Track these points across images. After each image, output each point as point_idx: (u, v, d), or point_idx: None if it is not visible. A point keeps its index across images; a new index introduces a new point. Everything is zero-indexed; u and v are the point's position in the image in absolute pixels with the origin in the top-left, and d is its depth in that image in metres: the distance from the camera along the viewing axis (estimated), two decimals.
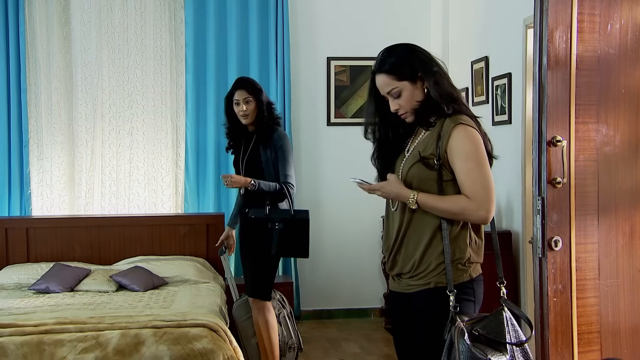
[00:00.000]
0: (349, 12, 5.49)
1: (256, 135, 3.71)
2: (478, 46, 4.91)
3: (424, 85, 2.16)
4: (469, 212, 2.07)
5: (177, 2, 5.32)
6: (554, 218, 2.23)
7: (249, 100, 3.65)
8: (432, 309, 2.11)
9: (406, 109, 2.17)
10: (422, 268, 2.14)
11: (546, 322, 2.28)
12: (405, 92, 2.15)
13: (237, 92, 3.67)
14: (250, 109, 3.65)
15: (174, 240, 4.98)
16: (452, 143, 2.09)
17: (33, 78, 5.14)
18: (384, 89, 2.18)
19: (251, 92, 3.66)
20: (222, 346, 3.21)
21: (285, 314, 4.08)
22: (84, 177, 5.18)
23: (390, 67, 2.15)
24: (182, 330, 3.25)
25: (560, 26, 2.24)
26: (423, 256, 2.14)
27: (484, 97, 4.77)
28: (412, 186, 2.15)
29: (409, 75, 2.15)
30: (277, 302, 4.06)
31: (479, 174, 2.09)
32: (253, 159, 3.72)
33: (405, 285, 2.21)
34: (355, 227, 5.44)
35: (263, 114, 3.68)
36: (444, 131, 2.11)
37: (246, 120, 3.68)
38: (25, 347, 3.10)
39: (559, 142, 2.20)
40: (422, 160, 2.13)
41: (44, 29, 5.17)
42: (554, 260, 2.26)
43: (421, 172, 2.14)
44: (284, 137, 3.76)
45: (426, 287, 2.13)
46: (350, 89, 5.54)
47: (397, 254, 2.21)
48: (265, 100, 3.71)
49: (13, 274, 4.57)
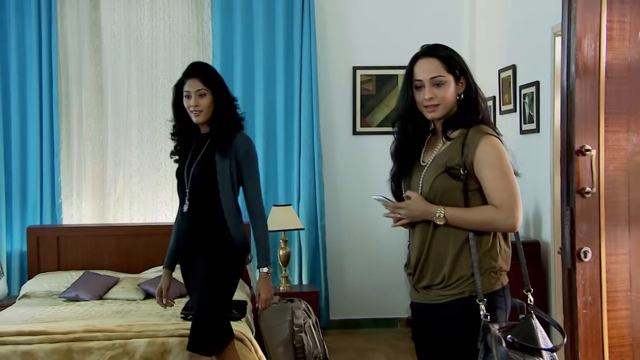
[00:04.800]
0: (375, 21, 5.48)
1: (211, 139, 2.88)
2: (505, 54, 4.87)
3: (458, 90, 2.14)
4: (498, 221, 2.07)
5: (205, 13, 5.38)
6: (583, 228, 2.19)
7: (204, 93, 2.80)
8: (467, 318, 2.06)
9: (440, 100, 2.11)
10: (455, 278, 2.09)
11: (576, 334, 2.24)
12: (446, 85, 2.11)
13: (188, 81, 2.83)
14: (204, 105, 2.80)
15: None
16: (479, 153, 2.07)
17: (64, 89, 5.24)
18: (430, 74, 2.11)
19: (206, 83, 2.81)
20: (247, 355, 3.23)
21: (311, 323, 4.05)
22: (112, 187, 5.25)
23: (446, 57, 2.13)
24: None
25: (588, 34, 2.21)
26: (454, 267, 2.09)
27: (511, 105, 4.72)
28: (437, 197, 2.11)
29: (457, 72, 2.13)
30: (303, 311, 4.03)
31: (506, 183, 2.07)
32: (204, 168, 2.85)
33: (435, 295, 2.15)
34: (380, 236, 5.40)
35: (221, 112, 2.86)
36: (470, 141, 2.08)
37: (199, 119, 2.84)
38: (55, 354, 3.15)
39: (588, 152, 2.16)
40: (447, 170, 2.09)
41: (75, 41, 5.26)
42: (584, 272, 2.22)
43: (447, 183, 2.10)
44: (249, 144, 2.92)
45: (460, 296, 2.08)
46: (376, 98, 5.53)
47: (425, 267, 2.16)
48: (225, 94, 2.90)
49: (44, 282, 4.64)
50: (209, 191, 2.85)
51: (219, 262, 2.85)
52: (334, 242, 5.44)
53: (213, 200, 2.85)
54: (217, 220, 2.85)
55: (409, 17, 5.50)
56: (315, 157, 5.33)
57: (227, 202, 2.85)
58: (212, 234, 2.87)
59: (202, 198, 2.86)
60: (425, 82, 2.11)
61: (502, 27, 5.00)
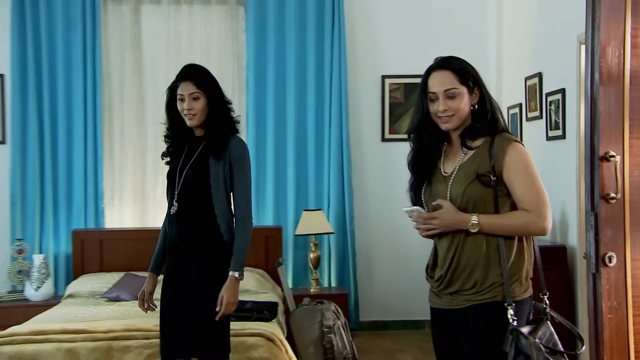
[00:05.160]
0: (403, 32, 5.45)
1: (205, 142, 2.73)
2: (532, 62, 4.79)
3: (472, 100, 2.13)
4: (532, 224, 2.06)
5: (239, 26, 5.42)
6: (607, 234, 2.13)
7: (197, 96, 2.66)
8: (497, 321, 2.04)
9: (454, 111, 2.10)
10: (488, 283, 2.07)
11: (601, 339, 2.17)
12: (460, 97, 2.10)
13: (181, 84, 2.68)
14: (198, 108, 2.66)
15: None
16: (509, 160, 2.06)
17: (107, 100, 5.31)
18: (443, 86, 2.10)
19: (200, 86, 2.67)
20: (278, 355, 3.22)
21: (340, 324, 4.03)
22: (152, 192, 5.31)
23: (459, 69, 2.12)
24: (241, 339, 3.26)
25: (612, 41, 2.15)
26: (487, 273, 2.07)
27: (537, 112, 4.63)
28: (470, 205, 2.09)
29: (470, 83, 2.12)
30: (332, 313, 4.02)
31: (536, 188, 2.07)
32: (197, 171, 2.71)
33: (464, 300, 2.12)
34: (408, 241, 5.32)
35: (215, 116, 2.71)
36: (497, 149, 2.07)
37: (192, 122, 2.69)
38: (96, 352, 3.18)
39: (613, 158, 2.10)
40: (478, 178, 2.07)
41: (117, 54, 5.34)
42: (609, 277, 2.15)
43: (479, 190, 2.08)
44: (244, 148, 2.76)
45: (493, 299, 2.06)
46: (404, 106, 5.49)
47: (455, 274, 2.13)
48: (219, 98, 2.75)
49: (87, 282, 4.71)
50: (201, 194, 2.69)
51: (210, 262, 2.69)
52: (363, 245, 5.41)
53: (205, 203, 2.69)
54: (208, 223, 2.69)
55: (437, 26, 5.45)
56: (344, 164, 5.32)
57: (220, 206, 2.69)
58: (203, 237, 2.71)
59: (193, 201, 2.71)
60: (439, 95, 2.10)
61: (528, 36, 4.92)
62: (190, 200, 2.71)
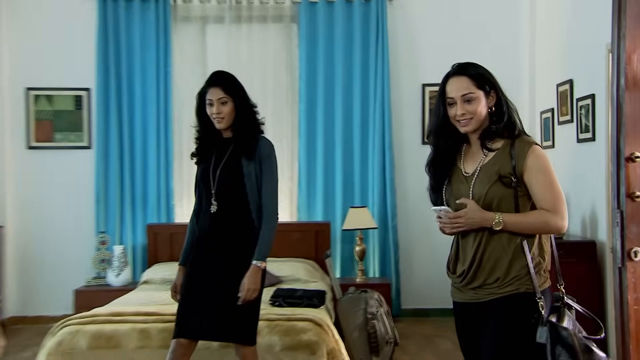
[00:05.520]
0: (442, 43, 5.35)
1: (235, 144, 2.67)
2: (563, 70, 4.63)
3: (489, 103, 2.04)
4: (552, 223, 1.97)
5: (293, 42, 5.44)
6: (633, 230, 2.05)
7: (225, 101, 2.61)
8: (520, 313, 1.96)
9: (471, 115, 2.01)
10: (510, 276, 1.98)
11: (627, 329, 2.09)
12: (477, 100, 2.00)
13: (210, 90, 2.64)
14: (226, 112, 2.61)
15: (289, 244, 4.99)
16: (530, 161, 1.97)
17: (177, 110, 5.40)
18: (461, 91, 2.01)
19: (228, 92, 2.62)
20: (325, 338, 3.19)
21: (383, 311, 4.00)
22: None
23: (476, 74, 2.03)
24: (292, 324, 3.25)
25: (638, 49, 2.06)
26: (510, 268, 1.98)
27: (568, 116, 4.47)
28: (493, 204, 2.00)
29: (486, 88, 2.02)
30: (375, 300, 3.98)
31: (556, 189, 1.99)
32: (230, 170, 2.64)
33: (487, 294, 2.02)
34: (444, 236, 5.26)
35: (242, 119, 2.66)
36: (518, 151, 1.99)
37: (221, 125, 2.63)
38: (165, 332, 3.22)
39: (638, 158, 2.01)
40: (500, 179, 1.99)
41: (186, 69, 5.43)
42: (634, 270, 2.07)
43: (501, 191, 2.00)
44: (271, 148, 2.70)
45: (515, 291, 1.97)
46: None
47: (479, 270, 2.04)
48: (245, 102, 2.70)
49: (159, 271, 4.80)
50: (237, 192, 2.63)
51: (246, 253, 2.62)
52: (404, 239, 5.35)
53: (241, 200, 2.64)
54: (244, 218, 2.64)
55: (473, 37, 5.34)
56: (386, 165, 5.27)
57: (254, 202, 2.64)
58: (240, 230, 2.65)
59: (231, 198, 2.64)
60: (457, 99, 2.01)
61: (559, 45, 4.76)
62: (228, 198, 2.64)
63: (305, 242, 5.03)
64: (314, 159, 5.33)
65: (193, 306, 2.64)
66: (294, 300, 3.75)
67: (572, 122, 4.40)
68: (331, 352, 3.17)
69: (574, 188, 4.33)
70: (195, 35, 5.44)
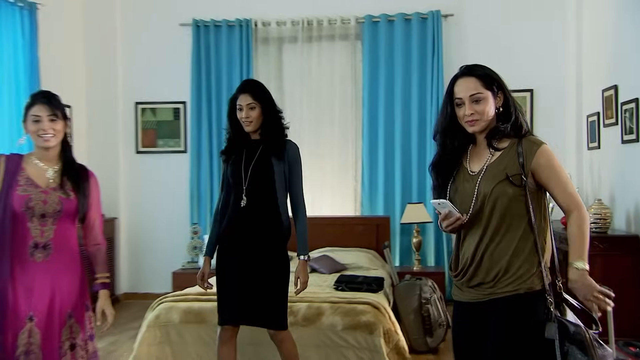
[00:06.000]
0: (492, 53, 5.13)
1: (264, 145, 2.61)
2: (608, 76, 4.33)
3: (496, 104, 1.84)
4: (585, 221, 1.78)
5: (357, 58, 5.41)
6: None
7: (253, 106, 2.55)
8: (523, 314, 1.75)
9: (480, 115, 1.81)
10: (508, 275, 1.77)
11: None
12: (485, 101, 1.81)
13: (240, 96, 2.58)
14: (254, 116, 2.56)
15: (353, 235, 5.00)
16: (542, 160, 1.78)
17: None
18: (469, 92, 1.81)
19: (256, 98, 2.56)
20: (382, 320, 3.16)
21: (436, 297, 3.92)
22: None
23: (483, 75, 1.84)
24: (352, 306, 3.24)
25: None
26: (510, 264, 1.77)
27: (613, 119, 4.18)
28: (498, 202, 1.78)
29: (494, 88, 1.83)
30: (429, 287, 3.91)
31: (570, 185, 1.81)
32: (262, 169, 2.58)
33: (487, 293, 1.81)
34: None
35: (269, 123, 2.60)
36: (527, 150, 1.79)
37: (249, 128, 2.58)
38: None
39: None
40: (508, 178, 1.78)
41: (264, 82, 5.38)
42: None
43: (508, 189, 1.78)
44: (298, 150, 2.65)
45: (515, 292, 1.75)
46: None
47: (478, 267, 1.82)
48: (272, 107, 2.62)
49: None
50: (267, 189, 2.57)
51: (275, 244, 2.60)
52: None
53: (270, 196, 2.58)
54: (272, 212, 2.58)
55: (521, 48, 5.12)
56: None
57: (281, 198, 2.59)
58: (269, 223, 2.59)
59: (261, 194, 2.58)
60: (465, 100, 1.82)
61: (604, 53, 4.45)
62: (259, 194, 2.58)
63: (368, 234, 5.00)
64: (375, 160, 5.28)
65: (231, 295, 2.59)
66: (355, 286, 3.74)
67: (617, 125, 4.11)
68: (387, 332, 3.13)
69: (619, 186, 4.06)
70: (273, 54, 5.52)
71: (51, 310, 2.10)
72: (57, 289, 2.12)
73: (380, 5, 5.27)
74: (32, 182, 2.12)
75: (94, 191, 2.27)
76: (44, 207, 2.10)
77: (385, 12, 5.24)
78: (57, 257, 2.12)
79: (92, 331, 2.23)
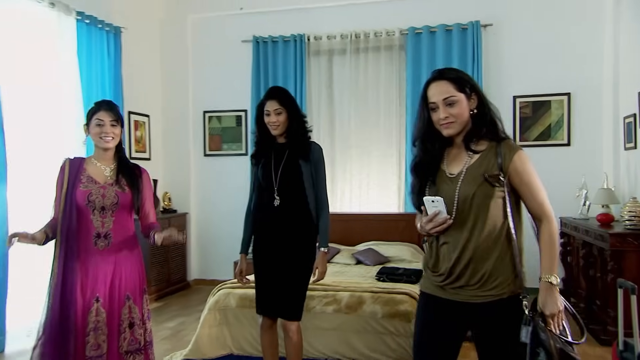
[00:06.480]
0: (529, 58, 5.04)
1: (290, 148, 2.59)
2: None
3: (470, 106, 1.73)
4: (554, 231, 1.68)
5: (401, 66, 5.40)
6: None
7: (280, 111, 2.54)
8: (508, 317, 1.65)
9: (454, 118, 1.70)
10: (493, 278, 1.67)
11: None
12: (459, 103, 1.70)
13: (268, 102, 2.56)
14: (281, 121, 2.54)
15: (396, 231, 5.01)
16: (517, 164, 1.67)
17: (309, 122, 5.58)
18: (442, 95, 1.70)
19: (282, 104, 2.55)
20: None
21: None
22: (339, 186, 5.53)
23: (455, 78, 1.72)
24: (391, 296, 3.29)
25: None
26: (495, 267, 1.67)
27: None
28: (478, 203, 1.67)
29: (467, 90, 1.72)
30: None
31: (542, 193, 1.70)
32: (291, 171, 2.57)
33: (471, 295, 1.69)
34: None
35: (294, 126, 2.58)
36: (504, 154, 1.68)
37: (276, 132, 2.57)
38: None
39: None
40: (487, 180, 1.67)
41: (316, 90, 5.62)
42: None
43: (490, 192, 1.68)
44: (321, 151, 2.64)
45: (499, 297, 1.66)
46: (532, 119, 5.06)
47: (464, 269, 1.70)
48: (297, 112, 2.61)
49: None
50: (297, 188, 2.56)
51: (306, 239, 2.60)
52: None
53: (300, 195, 2.57)
54: (303, 210, 2.58)
55: (558, 52, 4.95)
56: None
57: (310, 196, 2.59)
58: (301, 220, 2.58)
59: (292, 194, 2.57)
60: (438, 104, 1.71)
61: None
62: (290, 194, 2.57)
63: (410, 230, 5.00)
64: None
65: (267, 289, 2.62)
66: (395, 277, 3.79)
67: None
68: None
69: None
70: (324, 65, 5.61)
71: (112, 293, 2.23)
72: (117, 273, 2.24)
73: (422, 17, 5.25)
74: (92, 179, 2.25)
75: (147, 186, 2.39)
76: (103, 200, 2.23)
77: (427, 24, 5.21)
78: (117, 245, 2.24)
79: (148, 312, 2.37)
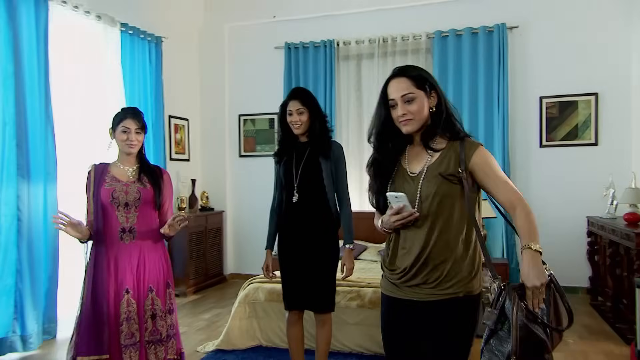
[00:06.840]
0: (555, 59, 4.81)
1: (312, 146, 2.54)
2: None
3: (430, 104, 1.65)
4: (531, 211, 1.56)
5: (428, 68, 5.21)
6: None
7: (302, 111, 2.50)
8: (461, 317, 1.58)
9: (413, 115, 1.62)
10: (449, 277, 1.59)
11: None
12: (418, 100, 1.62)
13: (290, 102, 2.53)
14: (303, 120, 2.50)
15: None
16: (479, 160, 1.59)
17: (338, 124, 5.53)
18: (401, 92, 1.61)
19: (304, 104, 2.51)
20: None
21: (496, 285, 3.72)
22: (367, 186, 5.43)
23: (415, 75, 1.64)
24: None
25: None
26: (452, 267, 1.59)
27: None
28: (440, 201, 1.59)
29: (426, 88, 1.64)
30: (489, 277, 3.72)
31: (509, 183, 1.60)
32: (311, 169, 2.53)
33: (427, 294, 1.61)
34: (561, 225, 4.74)
35: (315, 126, 2.53)
36: (466, 151, 1.60)
37: (298, 131, 2.53)
38: None
39: None
40: (446, 178, 1.60)
41: (345, 93, 5.56)
42: None
43: (451, 190, 1.60)
44: (342, 150, 2.58)
45: (455, 295, 1.58)
46: (558, 119, 4.84)
47: (422, 267, 1.62)
48: (318, 112, 2.55)
49: None
50: (317, 186, 2.52)
51: (327, 233, 2.55)
52: None
53: (320, 191, 2.53)
54: (323, 206, 2.53)
55: (583, 53, 4.72)
56: (506, 165, 4.88)
57: (330, 194, 2.54)
58: (321, 216, 2.54)
59: (312, 191, 2.53)
60: (397, 100, 1.62)
61: None
62: (309, 190, 2.53)
63: None
64: None
65: (292, 283, 2.59)
66: None
67: None
68: None
69: None
70: (352, 69, 5.54)
71: (137, 284, 2.25)
72: (141, 266, 2.26)
73: (449, 21, 5.10)
74: (116, 178, 2.29)
75: (167, 185, 2.40)
76: (126, 196, 2.26)
77: (453, 27, 5.07)
78: (141, 239, 2.26)
79: (172, 305, 2.37)
